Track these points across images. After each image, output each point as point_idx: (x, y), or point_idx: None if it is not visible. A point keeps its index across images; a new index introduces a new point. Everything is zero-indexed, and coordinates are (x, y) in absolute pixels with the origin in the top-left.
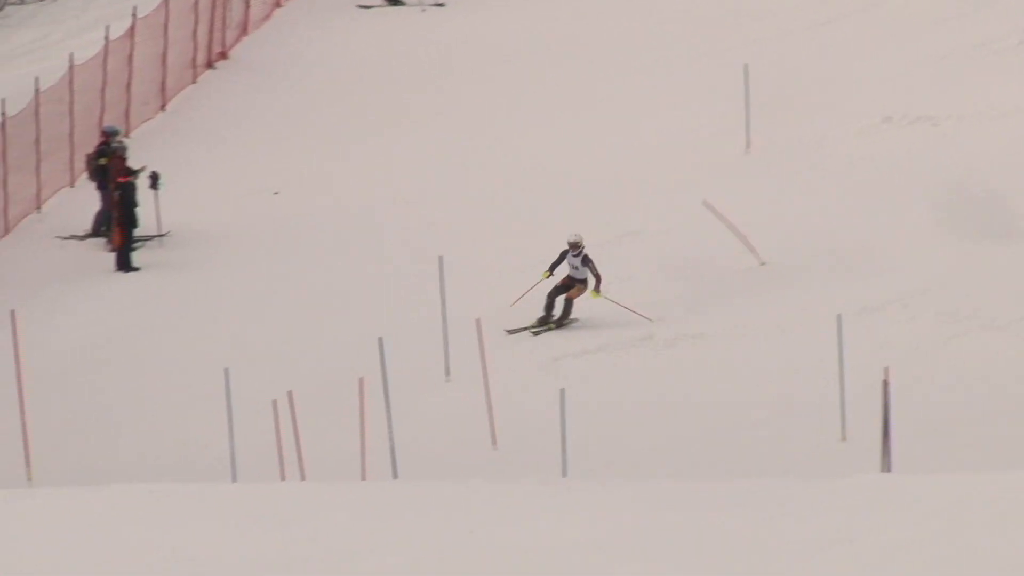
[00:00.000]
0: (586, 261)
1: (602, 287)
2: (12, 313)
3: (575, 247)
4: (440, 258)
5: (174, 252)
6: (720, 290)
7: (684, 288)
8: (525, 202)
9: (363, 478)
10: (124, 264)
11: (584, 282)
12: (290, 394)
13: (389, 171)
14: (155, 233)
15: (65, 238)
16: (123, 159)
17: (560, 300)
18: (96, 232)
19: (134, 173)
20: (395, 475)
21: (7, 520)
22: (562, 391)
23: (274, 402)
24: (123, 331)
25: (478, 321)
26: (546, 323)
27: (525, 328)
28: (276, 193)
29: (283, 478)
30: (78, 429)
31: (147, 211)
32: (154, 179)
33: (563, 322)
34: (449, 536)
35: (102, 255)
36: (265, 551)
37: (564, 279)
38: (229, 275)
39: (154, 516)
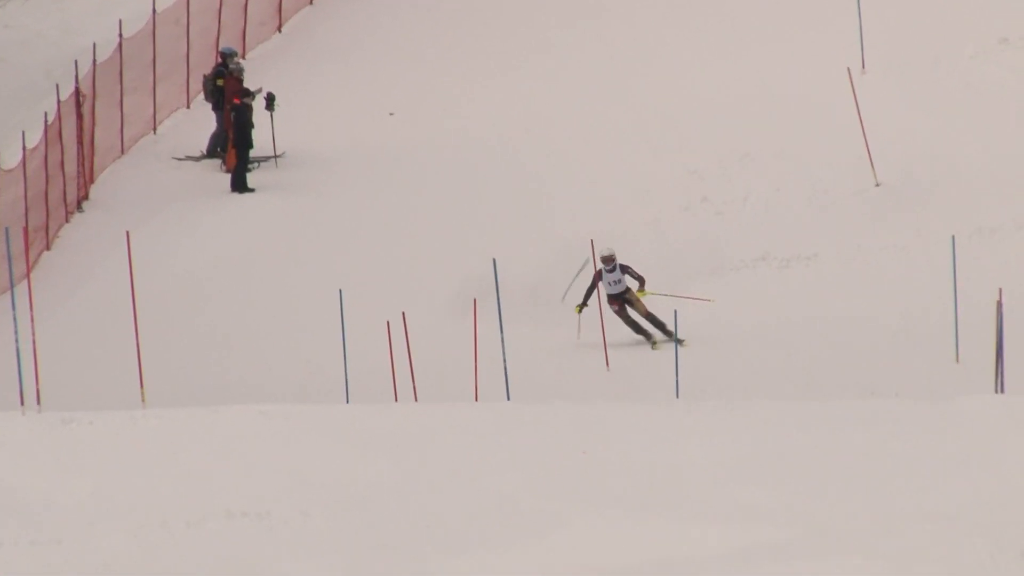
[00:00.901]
0: (624, 270)
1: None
2: (127, 234)
3: (609, 261)
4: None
5: (289, 173)
6: (835, 211)
7: (798, 209)
8: (640, 129)
9: (476, 400)
10: (239, 185)
11: (628, 290)
12: (403, 315)
13: (510, 96)
14: (270, 154)
15: (180, 159)
16: (239, 80)
17: (639, 319)
18: (211, 153)
19: (250, 94)
20: (508, 397)
21: (123, 442)
22: (675, 311)
23: (388, 323)
24: (238, 252)
25: (592, 241)
26: (654, 339)
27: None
28: (391, 115)
29: (396, 399)
30: (191, 351)
31: (262, 132)
32: (269, 100)
33: (666, 329)
34: (562, 457)
35: (217, 176)
36: (378, 472)
37: (614, 302)
38: (344, 196)
39: (268, 437)
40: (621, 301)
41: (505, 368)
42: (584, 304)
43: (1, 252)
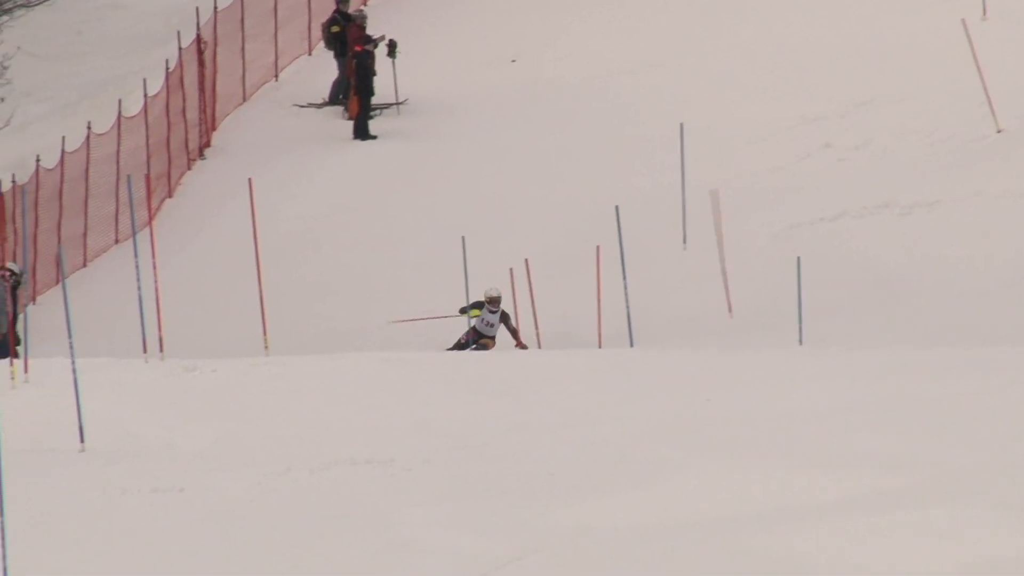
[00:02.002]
0: (503, 318)
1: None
2: (249, 181)
3: (495, 302)
4: (680, 125)
5: (411, 120)
6: (956, 157)
7: (920, 156)
8: (758, 75)
9: (599, 346)
10: (361, 132)
11: (493, 339)
12: (526, 262)
13: (630, 42)
14: (392, 102)
15: (302, 106)
16: (361, 28)
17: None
18: (333, 100)
19: (372, 41)
20: (631, 343)
21: (246, 389)
22: (798, 259)
23: (511, 270)
24: (360, 199)
25: (713, 192)
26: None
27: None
28: (513, 61)
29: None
30: (313, 298)
31: (384, 80)
32: (392, 47)
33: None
34: (685, 404)
35: (339, 123)
36: (499, 418)
37: (475, 338)
38: (466, 143)
39: (390, 384)
40: (481, 346)
41: (628, 315)
42: (465, 311)
43: (123, 200)
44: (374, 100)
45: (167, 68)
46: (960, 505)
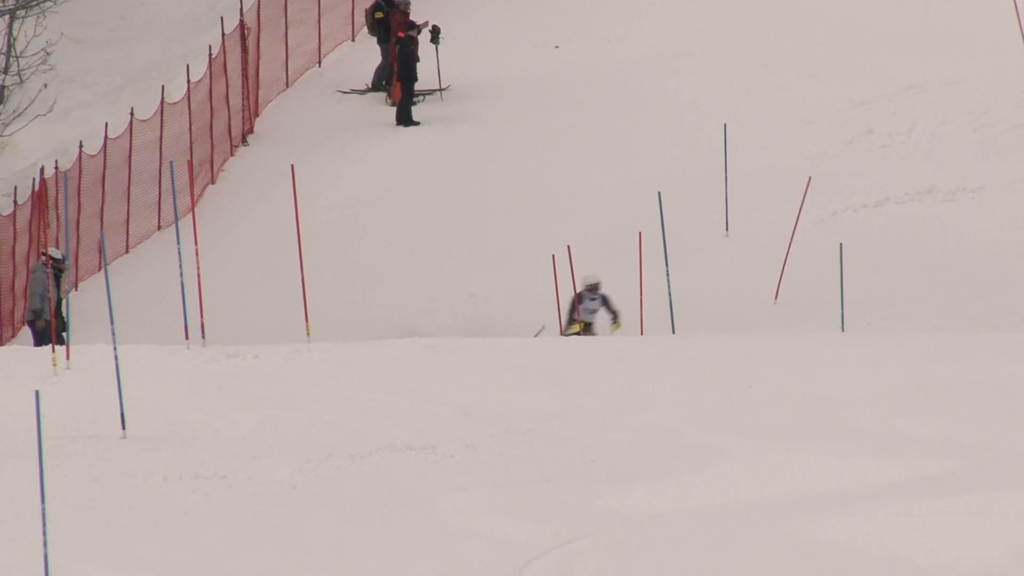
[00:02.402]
0: (604, 301)
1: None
2: (292, 167)
3: (594, 289)
4: (724, 125)
5: (454, 106)
6: (1000, 143)
7: (964, 141)
8: (802, 58)
9: (641, 333)
10: (404, 118)
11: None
12: (568, 248)
13: (675, 25)
14: (435, 88)
15: (345, 92)
16: (405, 13)
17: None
18: (376, 86)
19: (415, 27)
20: (673, 330)
21: (288, 376)
22: (840, 245)
23: (553, 256)
24: (403, 185)
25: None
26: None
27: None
28: (556, 47)
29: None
30: (356, 285)
31: (427, 66)
32: (435, 33)
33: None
34: (728, 390)
35: (382, 109)
36: (542, 405)
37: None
38: (509, 129)
39: (433, 371)
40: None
41: (670, 301)
42: (569, 327)
43: (166, 186)
44: (417, 86)
45: (210, 54)
46: (1005, 490)
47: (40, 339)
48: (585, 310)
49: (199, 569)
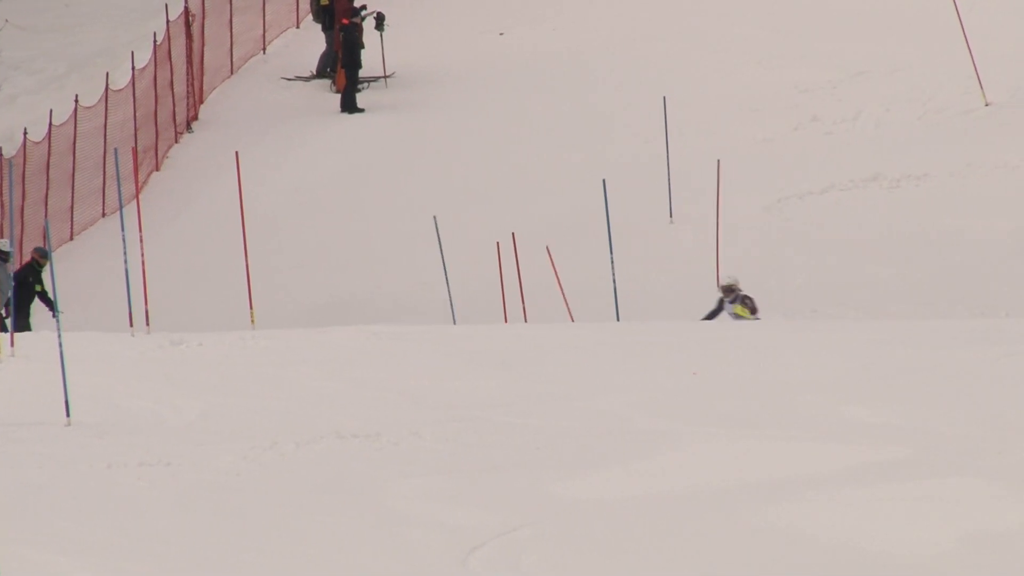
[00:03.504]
0: (744, 301)
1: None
2: (236, 154)
3: (730, 291)
4: (664, 98)
5: (399, 93)
6: (945, 131)
7: (909, 128)
8: (748, 46)
9: (586, 320)
10: (349, 105)
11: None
12: (513, 235)
13: (619, 12)
14: (380, 74)
15: (290, 79)
16: (349, 0)
17: None
18: (321, 73)
19: (359, 14)
20: (618, 317)
21: (232, 363)
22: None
23: (497, 244)
24: (348, 172)
25: (719, 162)
26: None
27: None
28: (501, 34)
29: (506, 320)
30: (301, 272)
31: (372, 52)
32: (379, 20)
33: None
34: (671, 377)
35: (327, 96)
36: (488, 392)
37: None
38: (454, 116)
39: (378, 358)
40: None
41: (615, 288)
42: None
43: (110, 172)
44: (361, 73)
45: (155, 41)
46: (957, 477)
47: None
48: (730, 315)
49: (144, 555)
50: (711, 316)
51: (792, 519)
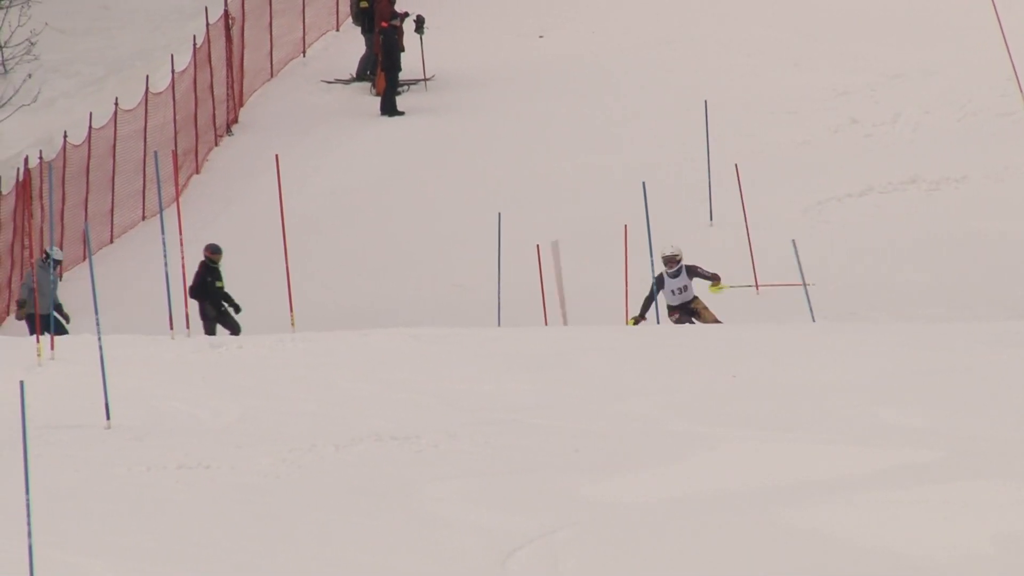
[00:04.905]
0: (692, 272)
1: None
2: (276, 157)
3: (672, 262)
4: (705, 102)
5: (439, 96)
6: (983, 133)
7: (947, 130)
8: (785, 48)
9: (625, 323)
10: (388, 108)
11: (695, 299)
12: (555, 240)
13: (658, 14)
14: (419, 77)
15: (330, 82)
16: (389, 3)
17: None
18: (360, 76)
19: (399, 17)
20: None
21: (272, 366)
22: (793, 241)
23: (538, 247)
24: (387, 175)
25: (736, 166)
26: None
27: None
28: (541, 36)
29: (546, 323)
30: (340, 274)
31: (411, 55)
32: (419, 23)
33: None
34: (712, 378)
35: (367, 99)
36: (526, 395)
37: (675, 312)
38: (493, 119)
39: (417, 360)
40: (686, 312)
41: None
42: (641, 317)
43: (150, 176)
44: (401, 76)
45: (195, 43)
46: (992, 479)
47: (32, 330)
48: (671, 291)
49: (183, 559)
50: (648, 302)
51: (826, 521)
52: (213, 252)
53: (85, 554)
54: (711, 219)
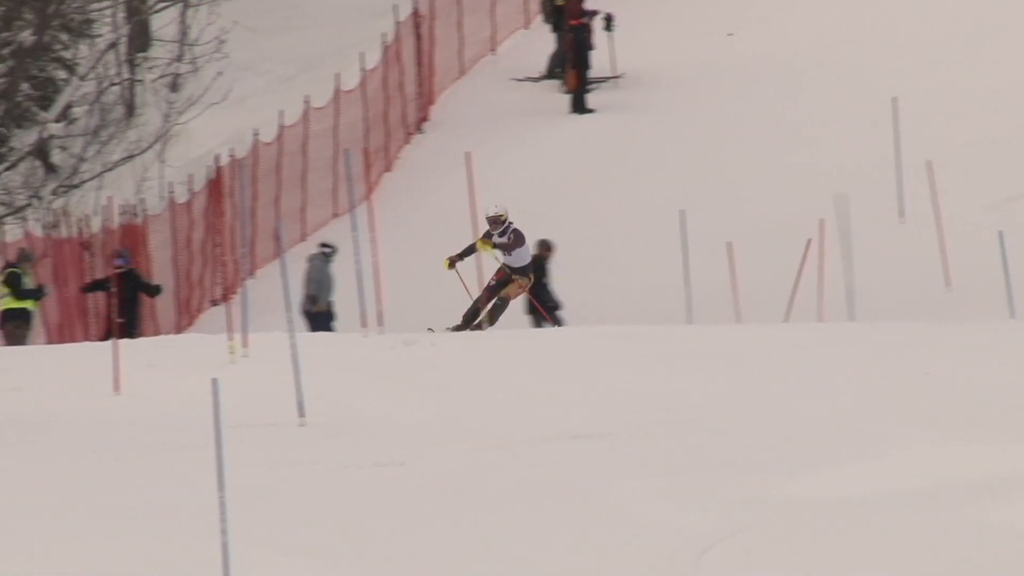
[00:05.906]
0: (512, 234)
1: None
2: (467, 155)
3: (497, 222)
4: (894, 99)
5: (629, 94)
6: None
7: None
8: (985, 40)
9: (819, 319)
10: (579, 106)
11: (515, 273)
12: (742, 238)
13: (844, 11)
14: (609, 75)
15: (520, 80)
16: (580, 1)
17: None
18: (551, 74)
19: (589, 15)
20: (851, 317)
21: (465, 363)
22: (1000, 233)
23: (728, 244)
24: (577, 173)
25: (929, 163)
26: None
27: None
28: (730, 34)
29: (737, 320)
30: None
31: (601, 53)
32: (609, 21)
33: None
34: (898, 377)
35: (557, 97)
36: (719, 391)
37: (501, 273)
38: (683, 116)
39: (609, 358)
40: (506, 275)
41: (848, 288)
42: (459, 258)
43: (342, 173)
44: (591, 74)
45: (384, 42)
46: None
47: (315, 326)
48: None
49: (377, 557)
50: (467, 252)
51: (1017, 518)
52: (546, 248)
53: (280, 552)
54: (901, 216)
